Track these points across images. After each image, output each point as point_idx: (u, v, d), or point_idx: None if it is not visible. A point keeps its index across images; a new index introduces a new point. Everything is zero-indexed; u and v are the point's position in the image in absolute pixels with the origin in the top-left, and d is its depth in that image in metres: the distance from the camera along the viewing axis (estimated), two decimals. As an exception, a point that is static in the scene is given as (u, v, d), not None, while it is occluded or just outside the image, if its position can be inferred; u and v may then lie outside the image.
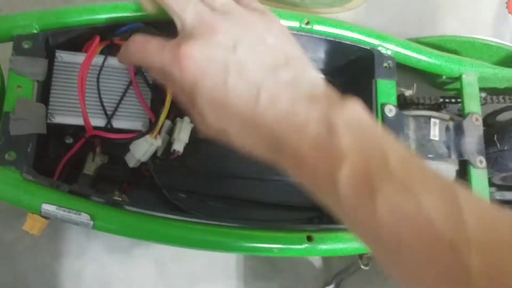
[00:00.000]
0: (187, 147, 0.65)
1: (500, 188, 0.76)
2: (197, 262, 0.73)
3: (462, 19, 0.92)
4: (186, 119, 0.65)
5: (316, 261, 0.78)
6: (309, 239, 0.59)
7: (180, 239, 0.56)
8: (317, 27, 0.68)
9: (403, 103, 0.74)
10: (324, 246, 0.60)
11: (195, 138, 0.66)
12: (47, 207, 0.52)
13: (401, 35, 0.73)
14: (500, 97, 0.76)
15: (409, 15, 0.94)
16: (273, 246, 0.58)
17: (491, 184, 0.76)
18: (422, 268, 0.36)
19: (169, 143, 0.65)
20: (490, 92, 0.78)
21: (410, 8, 0.95)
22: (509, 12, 0.90)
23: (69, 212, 0.52)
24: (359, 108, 0.42)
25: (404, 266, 0.37)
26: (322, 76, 0.45)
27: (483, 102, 0.76)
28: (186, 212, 0.62)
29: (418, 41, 0.79)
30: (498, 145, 0.72)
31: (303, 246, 0.59)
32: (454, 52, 0.80)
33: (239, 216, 0.66)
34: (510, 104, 0.77)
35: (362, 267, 0.72)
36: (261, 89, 0.43)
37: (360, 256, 0.72)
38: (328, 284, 0.77)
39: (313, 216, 0.70)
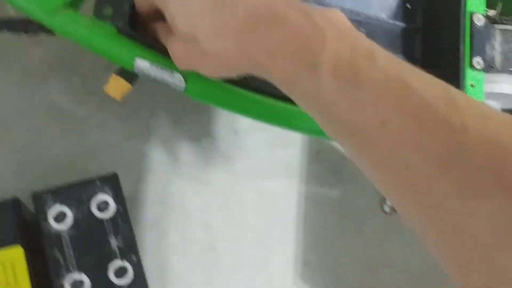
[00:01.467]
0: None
1: None
2: (261, 158, 0.73)
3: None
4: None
5: (378, 175, 0.78)
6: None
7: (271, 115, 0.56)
8: None
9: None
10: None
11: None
12: (141, 63, 0.52)
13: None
14: None
15: None
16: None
17: None
18: (409, 147, 0.34)
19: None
20: None
21: None
22: None
23: (162, 70, 0.52)
24: (340, 14, 0.40)
25: (386, 150, 0.35)
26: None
27: None
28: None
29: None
30: None
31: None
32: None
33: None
34: None
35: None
36: None
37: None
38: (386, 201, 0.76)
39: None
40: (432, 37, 0.72)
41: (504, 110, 0.72)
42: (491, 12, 0.73)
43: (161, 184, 0.70)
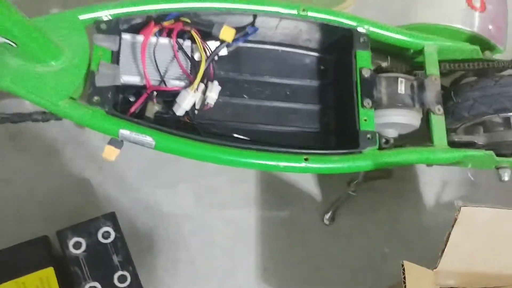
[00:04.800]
0: (218, 106, 0.89)
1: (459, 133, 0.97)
2: (225, 194, 0.97)
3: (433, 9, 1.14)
4: (215, 82, 0.88)
5: (317, 196, 1.00)
6: (306, 159, 0.82)
7: (216, 158, 0.79)
8: (311, 14, 0.92)
9: (380, 71, 0.96)
10: (317, 165, 0.82)
11: (222, 99, 0.90)
12: (124, 132, 0.76)
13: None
14: (456, 64, 0.98)
15: (392, 10, 1.16)
16: (280, 163, 0.81)
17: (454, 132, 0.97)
18: None
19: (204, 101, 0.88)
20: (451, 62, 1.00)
21: (392, 7, 1.17)
22: (466, 2, 1.12)
23: (137, 135, 0.76)
24: None
25: None
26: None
27: (444, 70, 0.98)
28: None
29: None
30: (454, 99, 0.94)
31: (302, 164, 0.81)
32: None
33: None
34: (464, 72, 0.99)
35: (350, 192, 0.93)
36: None
37: (348, 183, 0.94)
38: (326, 213, 0.98)
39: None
40: (340, 88, 0.97)
41: (401, 136, 0.96)
42: (384, 64, 0.99)
43: (149, 221, 0.92)
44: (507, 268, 0.75)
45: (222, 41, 0.88)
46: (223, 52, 0.91)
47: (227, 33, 0.86)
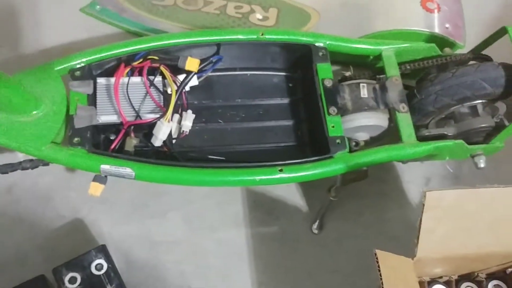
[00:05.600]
0: (195, 133, 0.94)
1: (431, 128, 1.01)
2: (214, 216, 1.00)
3: (390, 16, 1.20)
4: (189, 111, 0.94)
5: (303, 207, 1.04)
6: (281, 170, 0.86)
7: (194, 180, 0.84)
8: (269, 36, 0.98)
9: (345, 81, 1.01)
10: (291, 175, 0.86)
11: (198, 126, 0.96)
12: (104, 167, 0.81)
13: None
14: (416, 63, 1.03)
15: (354, 23, 1.22)
16: (256, 177, 0.85)
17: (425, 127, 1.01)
18: None
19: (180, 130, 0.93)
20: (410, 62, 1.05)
21: (353, 20, 1.23)
22: (421, 6, 1.18)
23: (117, 168, 0.81)
24: None
25: None
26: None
27: (406, 71, 1.03)
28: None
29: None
30: (418, 96, 0.98)
31: (277, 175, 0.86)
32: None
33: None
34: (427, 69, 1.04)
35: (331, 198, 0.97)
36: None
37: (328, 189, 0.97)
38: (314, 222, 1.01)
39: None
40: (308, 101, 1.02)
41: (373, 138, 1.00)
42: (347, 73, 1.04)
43: (143, 252, 0.96)
44: (481, 247, 0.77)
45: (189, 72, 0.94)
46: (194, 82, 0.96)
47: (192, 64, 0.92)
